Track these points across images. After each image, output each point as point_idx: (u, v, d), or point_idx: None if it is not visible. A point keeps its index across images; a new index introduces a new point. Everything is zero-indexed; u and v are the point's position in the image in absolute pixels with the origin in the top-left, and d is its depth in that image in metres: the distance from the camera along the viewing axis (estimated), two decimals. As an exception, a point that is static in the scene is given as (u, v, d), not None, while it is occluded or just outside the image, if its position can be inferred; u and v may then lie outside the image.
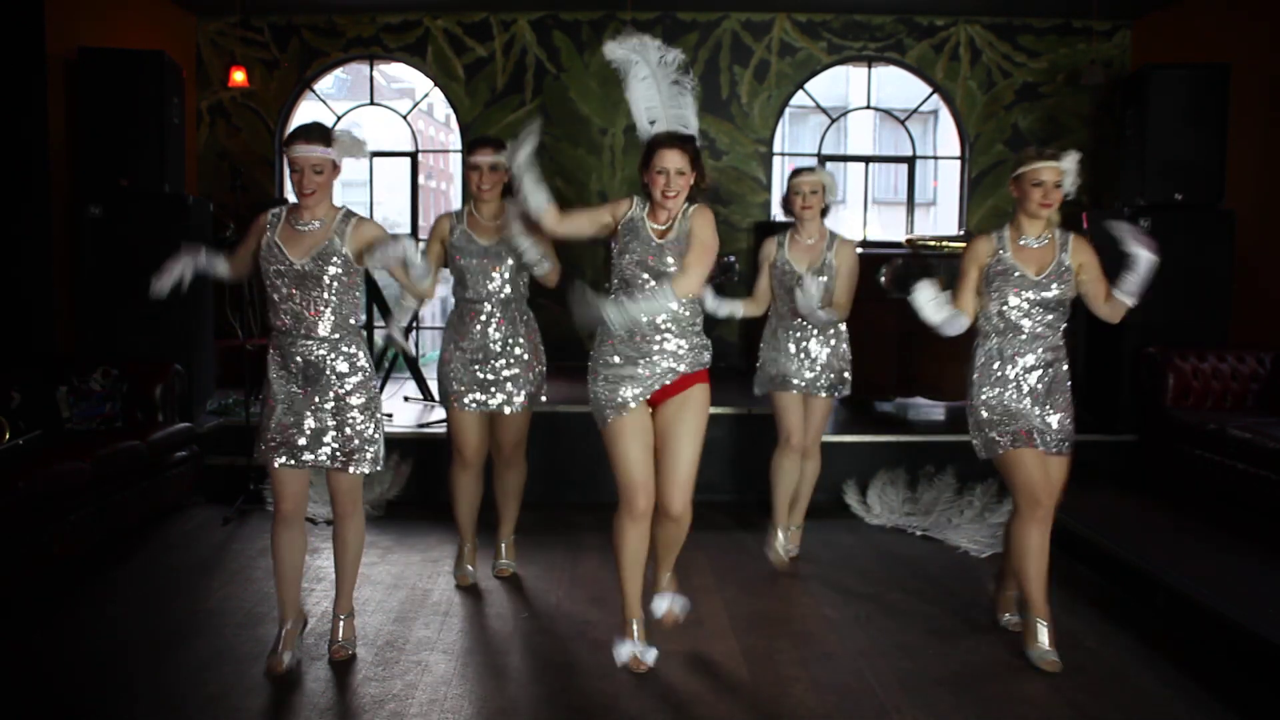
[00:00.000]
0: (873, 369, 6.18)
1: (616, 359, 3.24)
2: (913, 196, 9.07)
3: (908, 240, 6.88)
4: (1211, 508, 5.06)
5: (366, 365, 3.29)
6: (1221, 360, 5.82)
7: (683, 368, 3.26)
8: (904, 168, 9.12)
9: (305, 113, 8.40)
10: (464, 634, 3.63)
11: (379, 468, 3.31)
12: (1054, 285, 3.37)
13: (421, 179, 8.78)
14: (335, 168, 3.21)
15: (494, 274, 3.92)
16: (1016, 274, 3.39)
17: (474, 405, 3.98)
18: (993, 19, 8.06)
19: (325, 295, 3.18)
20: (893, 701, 3.11)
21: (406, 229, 8.62)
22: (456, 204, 9.46)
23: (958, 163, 8.40)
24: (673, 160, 3.20)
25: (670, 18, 8.08)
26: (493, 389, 3.96)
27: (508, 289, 3.95)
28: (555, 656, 3.43)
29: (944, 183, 14.49)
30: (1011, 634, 3.61)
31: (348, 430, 3.23)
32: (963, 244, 6.37)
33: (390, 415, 6.05)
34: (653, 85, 3.36)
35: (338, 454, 3.24)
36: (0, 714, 2.98)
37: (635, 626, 3.36)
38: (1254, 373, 5.79)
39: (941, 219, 14.48)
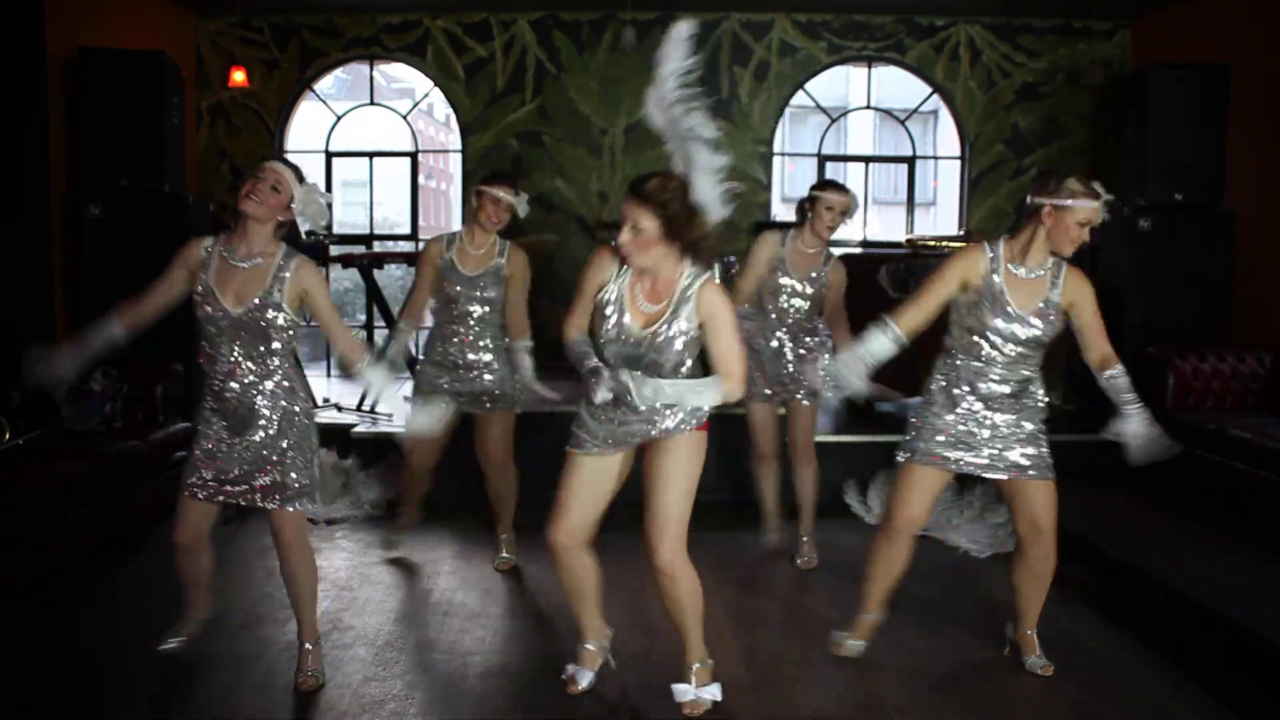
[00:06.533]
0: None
1: (589, 419, 2.95)
2: (913, 196, 9.07)
3: (908, 240, 6.88)
4: (1211, 508, 5.05)
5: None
6: (1221, 360, 5.82)
7: (655, 432, 2.89)
8: (904, 168, 9.12)
9: (305, 113, 8.41)
10: (464, 634, 3.62)
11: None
12: (1034, 321, 3.10)
13: (421, 179, 8.78)
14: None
15: (474, 304, 4.05)
16: (1002, 301, 3.10)
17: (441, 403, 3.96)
18: (993, 19, 8.05)
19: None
20: (893, 701, 3.11)
21: (406, 228, 8.62)
22: (456, 204, 9.43)
23: (958, 163, 8.40)
24: (629, 213, 2.70)
25: (670, 18, 7.95)
26: (462, 399, 4.12)
27: (487, 316, 4.10)
28: (555, 657, 3.42)
29: (944, 183, 14.49)
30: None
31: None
32: (963, 244, 6.37)
33: (390, 415, 6.05)
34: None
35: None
36: (0, 714, 2.98)
37: (583, 648, 3.17)
38: (1254, 373, 5.79)
39: (941, 219, 14.48)
